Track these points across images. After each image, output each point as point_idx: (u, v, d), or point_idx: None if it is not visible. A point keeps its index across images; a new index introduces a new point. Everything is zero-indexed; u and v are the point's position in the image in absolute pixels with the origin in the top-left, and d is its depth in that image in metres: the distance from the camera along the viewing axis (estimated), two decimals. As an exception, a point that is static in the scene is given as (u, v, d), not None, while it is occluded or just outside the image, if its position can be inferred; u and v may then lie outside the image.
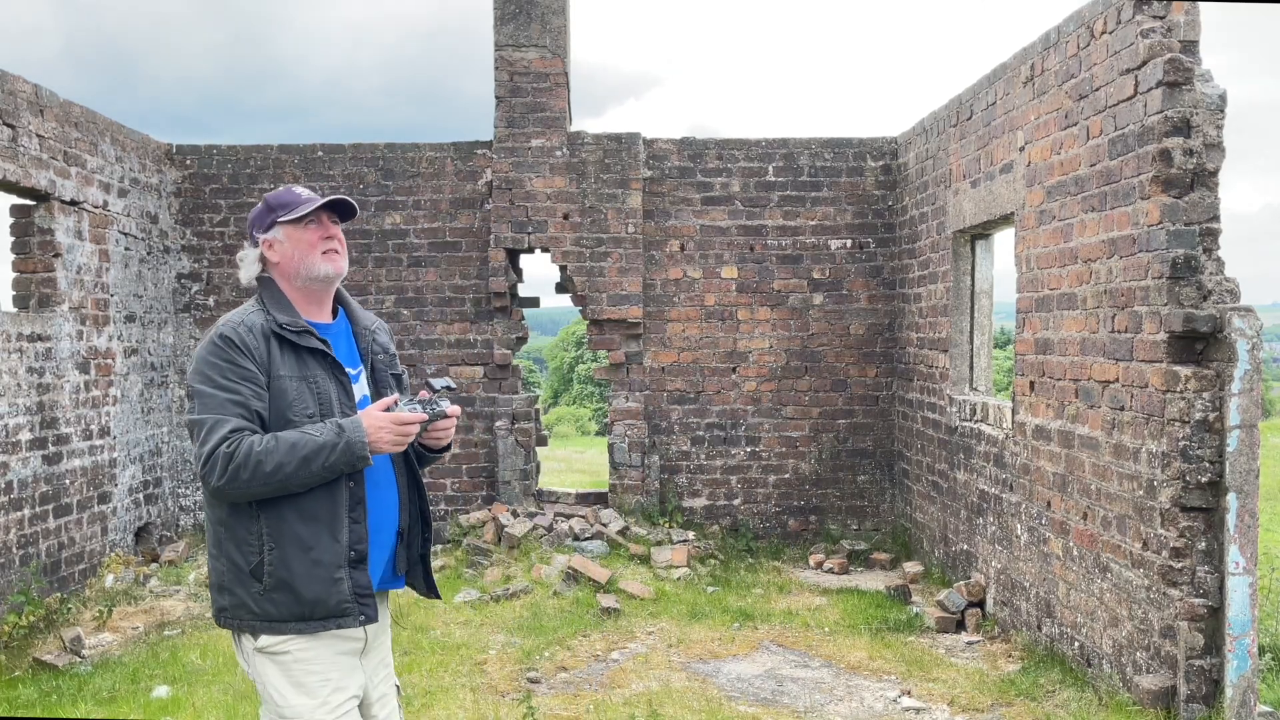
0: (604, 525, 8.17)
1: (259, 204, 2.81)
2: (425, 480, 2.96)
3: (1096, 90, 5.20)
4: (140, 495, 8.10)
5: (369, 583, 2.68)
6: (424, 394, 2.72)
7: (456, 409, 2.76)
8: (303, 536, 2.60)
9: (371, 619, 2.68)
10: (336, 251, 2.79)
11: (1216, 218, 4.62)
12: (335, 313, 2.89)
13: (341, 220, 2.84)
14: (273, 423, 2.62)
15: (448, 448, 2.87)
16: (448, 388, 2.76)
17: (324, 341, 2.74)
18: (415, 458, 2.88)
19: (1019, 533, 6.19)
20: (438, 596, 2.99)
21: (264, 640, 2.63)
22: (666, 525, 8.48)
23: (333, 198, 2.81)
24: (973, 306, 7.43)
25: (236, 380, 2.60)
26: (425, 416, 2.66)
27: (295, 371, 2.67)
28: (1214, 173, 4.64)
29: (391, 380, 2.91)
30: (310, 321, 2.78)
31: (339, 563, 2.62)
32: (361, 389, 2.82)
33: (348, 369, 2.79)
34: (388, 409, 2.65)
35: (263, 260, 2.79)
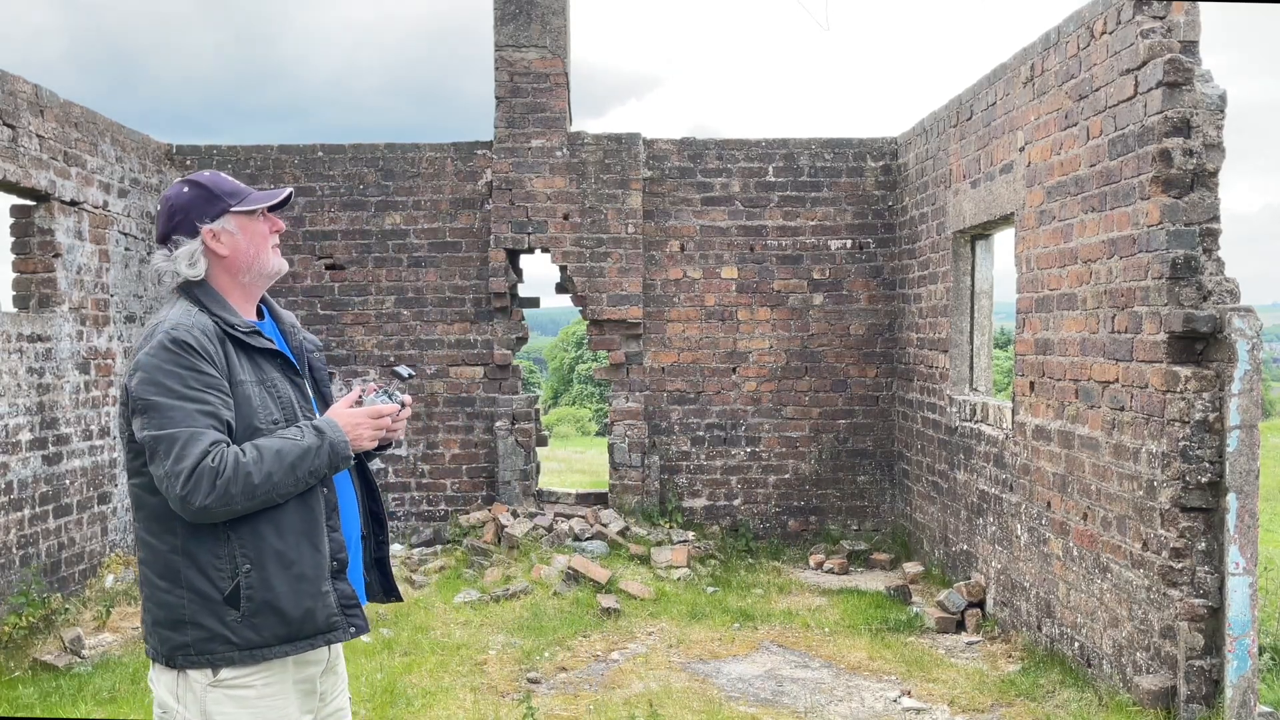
0: (604, 525, 8.17)
1: (186, 189, 2.53)
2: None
3: (1096, 90, 5.20)
4: (140, 495, 8.10)
5: (354, 592, 2.54)
6: (374, 386, 2.62)
7: (409, 399, 2.66)
8: (282, 551, 2.39)
9: (362, 630, 2.54)
10: (278, 246, 2.64)
11: (1216, 218, 4.63)
12: (260, 313, 2.70)
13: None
14: (239, 434, 2.39)
15: (391, 444, 2.71)
16: (410, 375, 2.73)
17: (271, 341, 2.56)
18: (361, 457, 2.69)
19: (1019, 533, 6.19)
20: (398, 598, 2.81)
21: (227, 674, 2.37)
22: (666, 525, 8.48)
23: (289, 189, 2.66)
24: (973, 307, 7.43)
25: (201, 389, 2.35)
26: (397, 407, 2.57)
27: (253, 376, 2.47)
28: (1214, 173, 4.64)
29: (326, 377, 2.79)
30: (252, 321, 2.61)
31: (323, 575, 2.45)
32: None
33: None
34: (357, 403, 2.55)
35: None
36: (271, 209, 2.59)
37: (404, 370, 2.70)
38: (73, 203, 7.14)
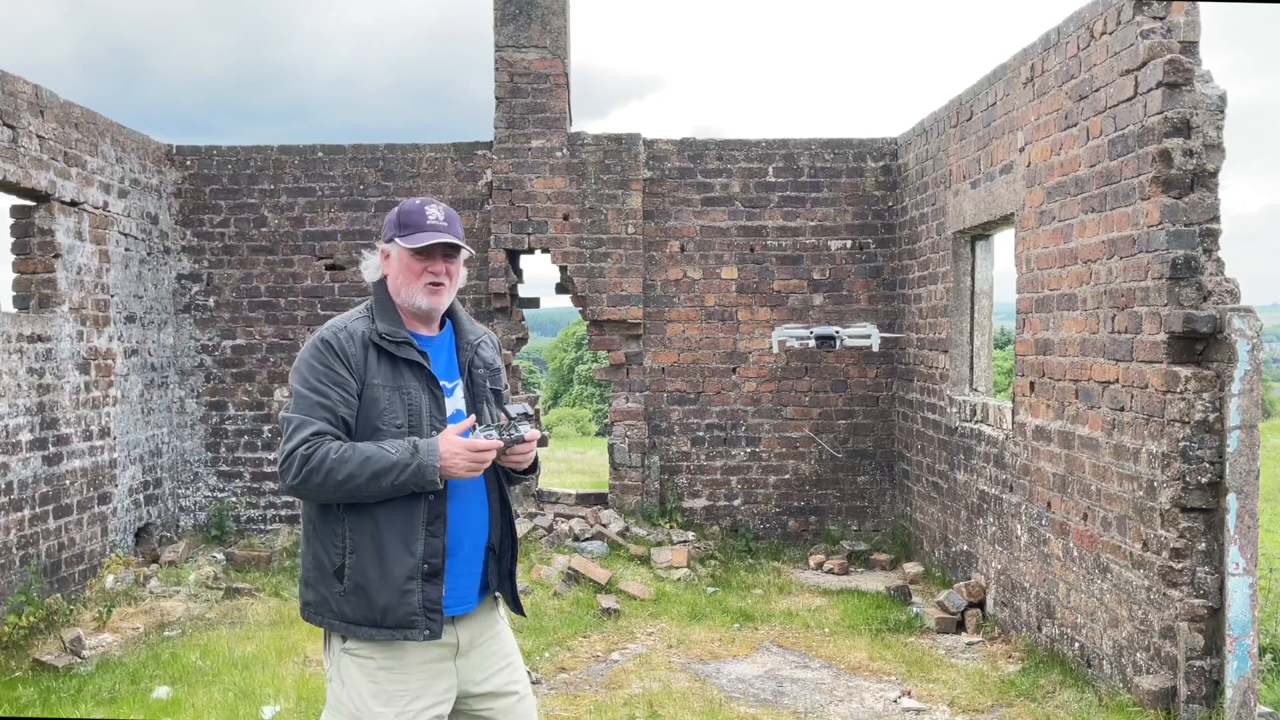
0: (604, 526, 8.17)
1: (395, 208, 2.83)
2: None
3: (1096, 91, 5.20)
4: (140, 496, 8.11)
5: (440, 597, 2.67)
6: (503, 418, 2.73)
7: (535, 433, 2.74)
8: (379, 544, 2.63)
9: (435, 635, 2.67)
10: (442, 286, 2.78)
11: (1216, 218, 4.63)
12: (443, 324, 2.90)
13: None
14: (361, 429, 2.66)
15: (534, 469, 2.87)
16: (524, 415, 2.74)
17: (423, 354, 2.75)
18: (504, 477, 2.86)
19: (1019, 533, 6.19)
20: (523, 614, 3.01)
21: (350, 643, 2.67)
22: (667, 526, 8.48)
23: (445, 239, 2.76)
24: (973, 307, 7.43)
25: (328, 384, 2.65)
26: (500, 443, 2.66)
27: (389, 381, 2.70)
28: (1214, 173, 4.64)
29: (490, 395, 2.89)
30: (413, 333, 2.79)
31: (411, 574, 2.63)
32: (456, 402, 2.82)
33: (444, 382, 2.79)
34: (465, 432, 2.65)
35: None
36: (422, 250, 2.74)
37: (513, 409, 2.73)
38: (73, 203, 7.14)
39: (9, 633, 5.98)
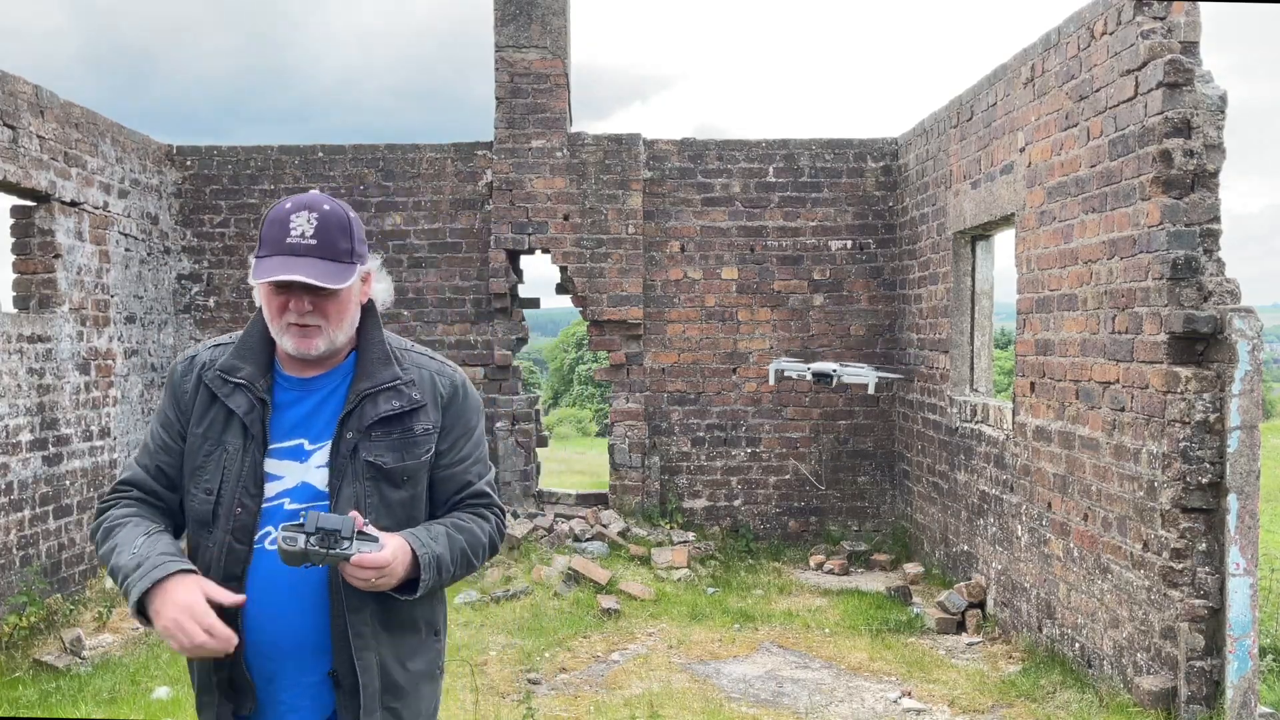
0: (604, 526, 8.17)
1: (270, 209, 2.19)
2: None
3: (1097, 91, 5.20)
4: (140, 496, 8.10)
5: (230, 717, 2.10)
6: (308, 520, 1.95)
7: (376, 557, 1.95)
8: None
9: None
10: (313, 329, 2.07)
11: (1217, 218, 4.62)
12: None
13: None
14: (186, 486, 2.13)
15: (412, 588, 2.06)
16: (356, 533, 1.95)
17: (260, 402, 2.10)
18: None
19: (1019, 534, 6.19)
20: None
21: None
22: (667, 526, 8.48)
23: (295, 278, 2.00)
24: (973, 307, 7.43)
25: (158, 424, 2.19)
26: (239, 599, 1.99)
27: (214, 432, 2.11)
28: (1214, 173, 4.64)
29: (378, 474, 2.10)
30: (280, 373, 2.15)
31: (204, 685, 2.11)
32: (305, 473, 2.10)
33: (284, 442, 2.11)
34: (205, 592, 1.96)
35: None
36: (283, 285, 2.05)
37: (327, 521, 1.95)
38: (73, 203, 7.14)
39: (9, 633, 5.98)
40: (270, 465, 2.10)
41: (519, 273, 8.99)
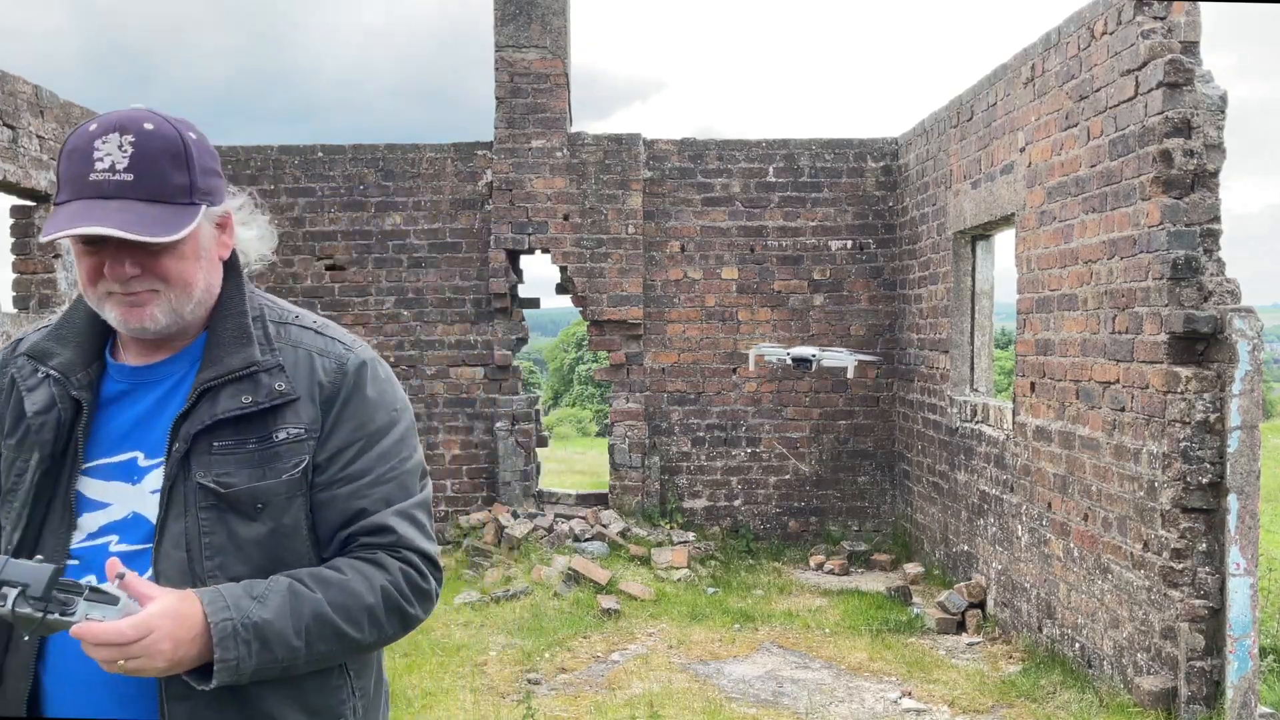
0: (604, 526, 8.17)
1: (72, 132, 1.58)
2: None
3: (1097, 91, 5.20)
4: (140, 496, 8.09)
5: None
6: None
7: (97, 626, 1.33)
8: None
9: None
10: (142, 296, 1.51)
11: (1217, 218, 4.62)
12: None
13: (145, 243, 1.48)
14: None
15: (208, 673, 1.43)
16: (90, 589, 1.36)
17: (74, 401, 1.55)
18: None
19: (1019, 534, 6.19)
20: None
21: None
22: (667, 526, 8.48)
23: (97, 230, 1.42)
24: (973, 307, 7.43)
25: None
26: None
27: (21, 440, 1.56)
28: (1214, 173, 4.63)
29: (219, 502, 1.50)
30: (112, 362, 1.60)
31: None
32: (134, 501, 1.53)
33: (109, 457, 1.55)
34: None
35: None
36: (91, 241, 1.48)
37: (104, 583, 1.39)
38: (73, 203, 7.13)
39: (9, 633, 5.97)
40: (88, 488, 1.53)
41: (519, 273, 8.99)
